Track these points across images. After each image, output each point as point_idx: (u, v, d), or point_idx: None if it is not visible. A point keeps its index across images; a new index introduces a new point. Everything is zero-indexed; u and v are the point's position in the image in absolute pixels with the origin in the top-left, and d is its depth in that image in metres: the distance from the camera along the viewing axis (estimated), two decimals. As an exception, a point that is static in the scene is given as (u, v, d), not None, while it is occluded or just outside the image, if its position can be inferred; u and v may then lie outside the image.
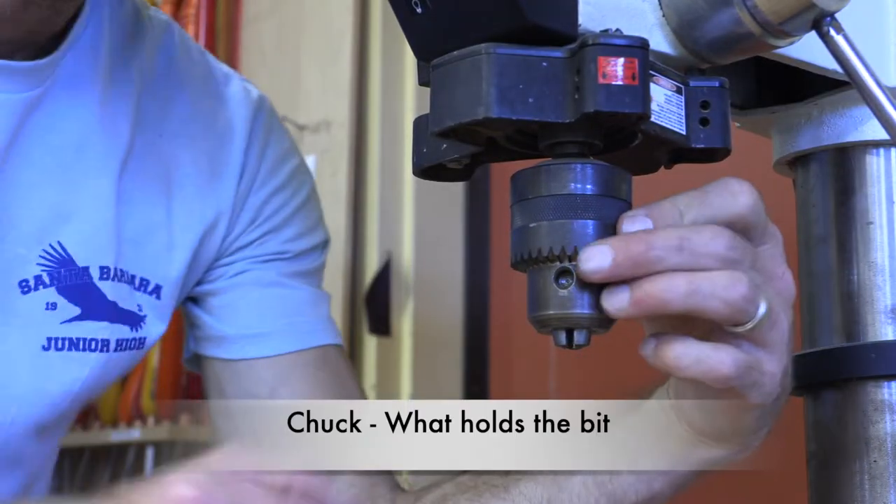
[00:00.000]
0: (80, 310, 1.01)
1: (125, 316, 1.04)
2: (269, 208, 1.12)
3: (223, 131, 1.10)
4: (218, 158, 1.10)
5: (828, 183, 0.84)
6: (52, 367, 1.01)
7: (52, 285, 1.00)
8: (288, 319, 1.11)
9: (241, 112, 1.12)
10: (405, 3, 0.72)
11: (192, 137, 1.09)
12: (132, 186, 1.04)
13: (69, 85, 1.01)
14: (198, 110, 1.10)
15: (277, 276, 1.12)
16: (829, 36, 0.72)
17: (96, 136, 1.03)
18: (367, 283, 2.38)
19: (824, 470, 0.82)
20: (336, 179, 2.37)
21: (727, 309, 0.70)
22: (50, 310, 1.00)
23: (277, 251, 1.12)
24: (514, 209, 0.75)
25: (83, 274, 1.01)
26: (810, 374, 0.83)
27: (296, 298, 1.12)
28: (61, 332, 1.01)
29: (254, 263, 1.11)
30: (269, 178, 1.12)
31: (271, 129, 1.14)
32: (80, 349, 1.02)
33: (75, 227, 1.01)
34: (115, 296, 1.03)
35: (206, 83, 1.11)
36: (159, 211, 1.06)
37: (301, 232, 1.14)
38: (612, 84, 0.68)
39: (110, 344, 1.03)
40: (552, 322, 0.74)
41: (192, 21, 2.69)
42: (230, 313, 1.11)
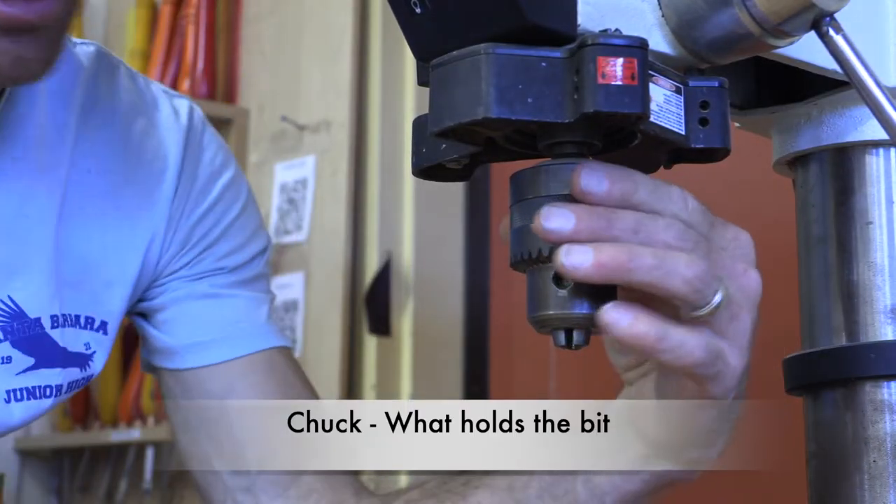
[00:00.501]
0: (33, 360, 1.03)
1: (75, 358, 1.06)
2: (202, 229, 1.13)
3: (154, 160, 1.10)
4: (150, 188, 1.10)
5: (827, 183, 0.84)
6: (13, 414, 1.03)
7: (7, 339, 1.02)
8: (226, 328, 1.12)
9: (172, 137, 1.12)
10: (404, 3, 0.72)
11: (123, 171, 1.09)
12: (69, 229, 1.05)
13: (8, 143, 1.01)
14: (128, 142, 1.10)
15: (214, 288, 1.12)
16: (828, 36, 0.72)
17: (37, 185, 1.03)
18: (367, 283, 2.38)
19: (824, 470, 0.82)
20: (336, 179, 2.37)
21: (686, 287, 0.70)
22: (5, 363, 1.02)
23: (213, 268, 1.13)
24: (513, 209, 0.75)
25: (35, 325, 1.03)
26: (810, 374, 0.83)
27: (233, 307, 1.12)
28: (17, 383, 1.03)
29: (190, 281, 1.12)
30: (201, 198, 1.12)
31: (202, 147, 1.14)
32: (36, 397, 1.04)
33: (24, 280, 1.02)
34: (66, 341, 1.05)
35: (135, 112, 1.11)
36: (95, 248, 1.07)
37: (236, 246, 1.14)
38: (612, 84, 0.68)
39: (63, 388, 1.06)
40: (552, 322, 0.74)
41: (192, 21, 2.69)
42: (172, 327, 1.12)
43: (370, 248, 2.40)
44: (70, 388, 1.07)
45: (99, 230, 1.07)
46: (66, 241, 1.05)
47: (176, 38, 2.74)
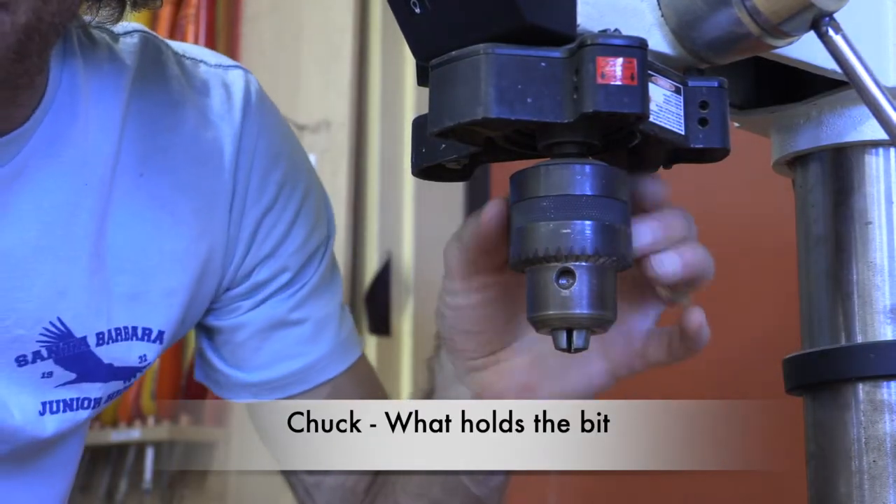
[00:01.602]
0: (75, 375, 1.01)
1: (120, 373, 1.03)
2: (263, 232, 1.09)
3: (209, 158, 1.06)
4: (206, 189, 1.05)
5: (827, 183, 0.84)
6: (46, 426, 1.01)
7: (50, 357, 0.99)
8: (293, 363, 1.10)
9: (226, 127, 1.07)
10: (404, 3, 0.72)
11: (176, 170, 1.04)
12: (121, 240, 1.01)
13: (48, 152, 0.98)
14: (179, 138, 1.05)
15: (281, 311, 1.10)
16: (827, 36, 0.72)
17: (81, 198, 0.99)
18: (367, 283, 2.38)
19: (824, 470, 0.82)
20: (336, 179, 2.37)
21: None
22: (45, 378, 1.00)
23: (277, 276, 1.09)
24: (513, 209, 0.75)
25: (81, 344, 1.00)
26: (810, 374, 0.82)
27: (300, 336, 1.10)
28: (54, 395, 1.00)
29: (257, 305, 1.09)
30: (259, 197, 1.08)
31: (258, 135, 1.08)
32: (73, 409, 1.02)
33: (73, 300, 0.99)
34: (112, 357, 1.02)
35: (185, 105, 1.06)
36: (151, 258, 1.03)
37: (299, 245, 1.10)
38: (611, 84, 0.68)
39: (101, 399, 1.04)
40: (553, 322, 0.74)
41: (192, 20, 2.69)
42: (241, 360, 1.10)
43: (370, 248, 2.40)
44: (109, 399, 1.04)
45: (154, 240, 1.03)
46: (118, 252, 1.01)
47: (176, 37, 2.74)
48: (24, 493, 1.04)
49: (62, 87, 0.99)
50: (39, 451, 1.03)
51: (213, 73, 1.09)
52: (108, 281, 1.01)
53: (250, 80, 1.10)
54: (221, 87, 1.08)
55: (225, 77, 1.09)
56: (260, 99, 1.10)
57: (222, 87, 1.08)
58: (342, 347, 1.12)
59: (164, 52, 1.07)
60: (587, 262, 0.72)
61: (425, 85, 0.73)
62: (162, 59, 1.06)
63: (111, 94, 1.02)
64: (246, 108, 1.08)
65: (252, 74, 1.11)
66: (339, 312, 1.13)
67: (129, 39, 1.05)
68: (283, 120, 1.13)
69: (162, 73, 1.06)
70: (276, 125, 1.11)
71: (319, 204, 1.13)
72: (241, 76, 1.10)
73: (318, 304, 1.11)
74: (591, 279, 0.72)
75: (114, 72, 1.02)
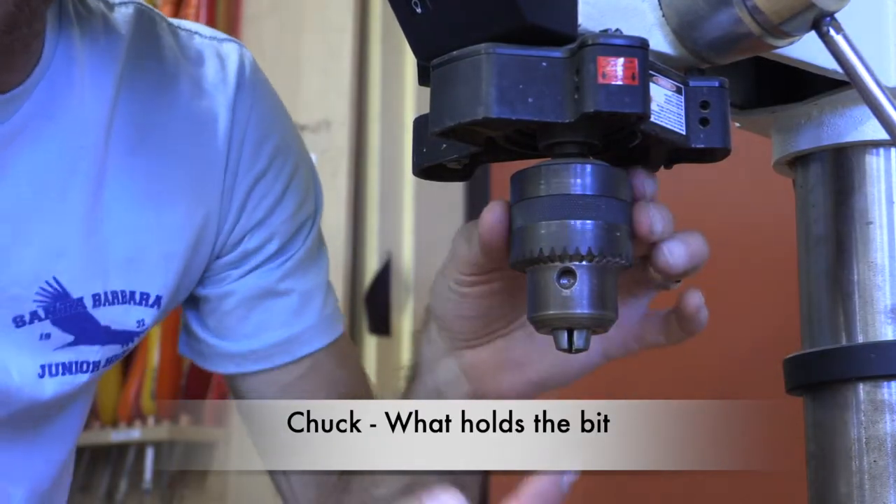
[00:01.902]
0: (73, 337, 1.02)
1: (117, 336, 1.04)
2: (253, 202, 1.10)
3: (202, 125, 1.07)
4: (200, 155, 1.07)
5: (827, 183, 0.84)
6: (45, 389, 1.02)
7: (47, 318, 1.00)
8: (278, 332, 1.11)
9: (220, 97, 1.08)
10: (405, 3, 0.72)
11: (170, 139, 1.05)
12: (116, 205, 1.03)
13: (45, 114, 0.99)
14: (174, 107, 1.06)
15: (268, 282, 1.11)
16: (828, 36, 0.72)
17: (76, 160, 1.01)
18: (367, 283, 2.38)
19: (824, 470, 0.82)
20: (336, 179, 2.37)
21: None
22: (44, 339, 1.01)
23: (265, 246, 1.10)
24: (513, 209, 0.75)
25: (77, 305, 1.01)
26: (810, 374, 0.83)
27: (286, 308, 1.11)
28: (54, 358, 1.01)
29: (244, 274, 1.10)
30: (251, 166, 1.09)
31: (251, 107, 1.09)
32: (72, 372, 1.02)
33: (69, 261, 1.00)
34: (109, 320, 1.03)
35: (179, 75, 1.07)
36: (149, 223, 1.04)
37: (287, 216, 1.11)
38: (612, 84, 0.68)
39: (100, 363, 1.04)
40: (554, 322, 0.74)
41: (192, 20, 2.69)
42: (227, 329, 1.11)
43: (370, 249, 2.40)
44: (108, 363, 1.05)
45: (150, 206, 1.04)
46: (116, 216, 1.02)
47: (176, 37, 2.74)
48: (21, 462, 1.05)
49: (58, 53, 1.00)
50: (39, 418, 1.04)
51: (207, 44, 1.10)
52: (105, 244, 1.02)
53: (244, 53, 1.11)
54: (216, 58, 1.09)
55: (220, 49, 1.10)
56: (254, 71, 1.11)
57: (216, 57, 1.09)
58: (326, 322, 1.13)
59: (159, 23, 1.08)
60: (588, 262, 0.72)
61: (426, 85, 0.73)
62: (156, 30, 1.07)
63: (106, 62, 1.03)
64: (240, 80, 1.09)
65: (246, 48, 1.12)
66: (325, 288, 1.14)
67: (123, 9, 1.06)
68: (275, 93, 1.14)
69: (156, 44, 1.07)
70: (269, 98, 1.12)
71: (308, 178, 1.14)
72: (236, 49, 1.11)
73: (304, 278, 1.12)
74: (591, 279, 0.73)
75: (109, 41, 1.04)
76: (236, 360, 1.11)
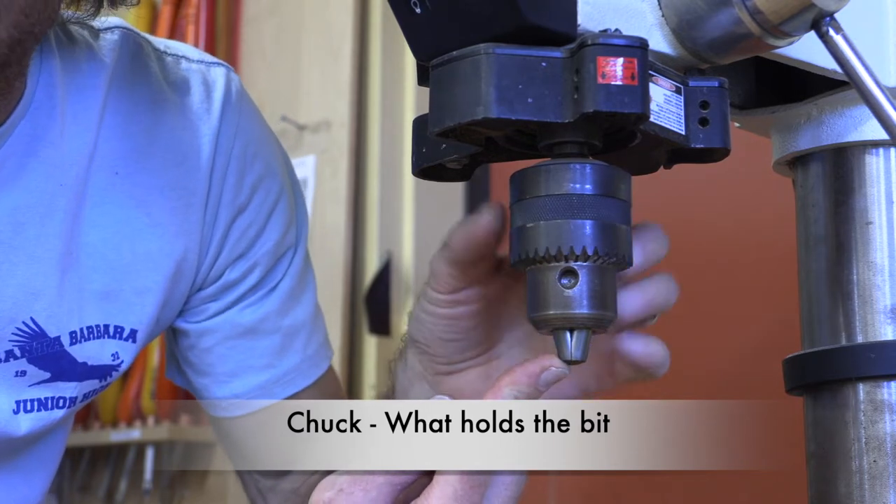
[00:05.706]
0: (49, 374, 1.00)
1: (95, 371, 1.03)
2: (235, 234, 1.08)
3: (185, 156, 1.05)
4: (182, 185, 1.05)
5: (827, 183, 0.84)
6: (20, 425, 1.00)
7: (24, 357, 0.99)
8: (262, 375, 1.10)
9: (204, 127, 1.06)
10: (404, 3, 0.72)
11: (153, 169, 1.04)
12: (95, 239, 1.01)
13: (26, 151, 0.97)
14: (157, 137, 1.04)
15: (251, 320, 1.10)
16: (828, 36, 0.72)
17: (56, 198, 0.98)
18: (367, 283, 2.38)
19: (824, 470, 0.82)
20: (336, 179, 2.37)
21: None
22: (19, 376, 0.99)
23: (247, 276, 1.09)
24: (513, 209, 0.75)
25: (55, 343, 1.00)
26: (810, 374, 0.83)
27: (268, 349, 1.10)
28: (29, 394, 1.00)
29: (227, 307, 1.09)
30: (234, 198, 1.08)
31: (235, 136, 1.07)
32: (47, 408, 1.01)
33: (46, 300, 0.98)
34: (86, 356, 1.02)
35: (165, 104, 1.05)
36: (125, 257, 1.02)
37: (273, 245, 1.10)
38: (612, 84, 0.68)
39: (77, 399, 1.03)
40: (554, 321, 0.74)
41: (192, 21, 2.70)
42: (205, 367, 1.11)
43: (370, 248, 2.40)
44: (86, 398, 1.04)
45: (128, 239, 1.02)
46: (92, 250, 1.01)
47: (176, 37, 2.73)
48: (3, 490, 1.04)
49: (39, 88, 0.98)
50: (17, 449, 1.03)
51: (195, 69, 1.08)
52: (81, 279, 1.01)
53: (232, 78, 1.10)
54: (202, 85, 1.07)
55: (207, 74, 1.08)
56: (239, 98, 1.09)
57: (202, 84, 1.07)
58: (309, 362, 1.13)
59: (145, 48, 1.06)
60: (588, 261, 0.72)
61: (426, 85, 0.73)
62: (142, 57, 1.05)
63: (89, 92, 1.01)
64: (225, 107, 1.07)
65: (235, 73, 1.11)
66: (311, 322, 1.13)
67: (109, 36, 1.04)
68: (261, 119, 1.13)
69: (141, 71, 1.05)
70: (253, 125, 1.10)
71: (292, 204, 1.13)
72: (223, 74, 1.09)
73: (288, 315, 1.12)
74: (592, 279, 0.73)
75: (92, 70, 1.02)
76: (223, 405, 1.11)
